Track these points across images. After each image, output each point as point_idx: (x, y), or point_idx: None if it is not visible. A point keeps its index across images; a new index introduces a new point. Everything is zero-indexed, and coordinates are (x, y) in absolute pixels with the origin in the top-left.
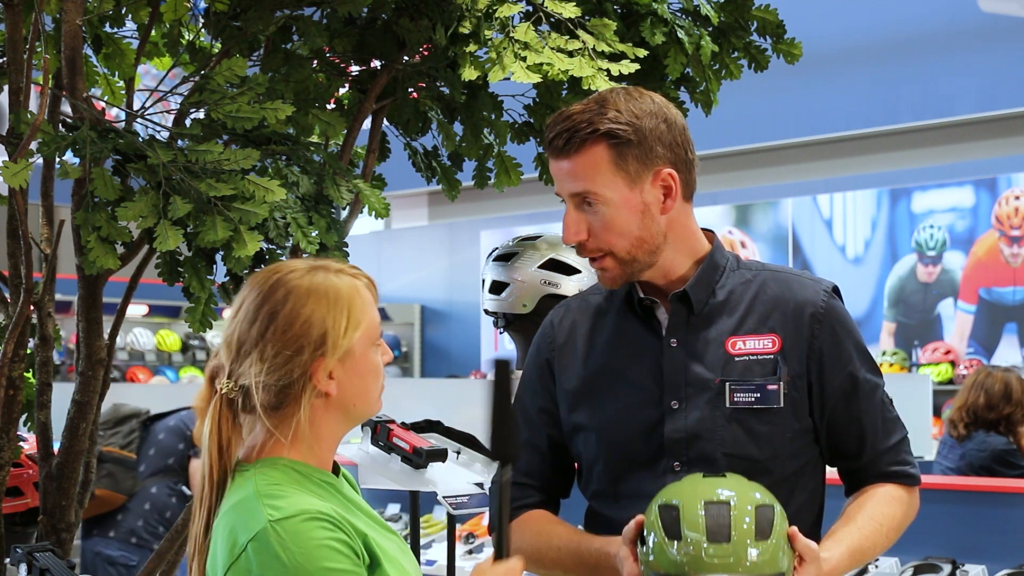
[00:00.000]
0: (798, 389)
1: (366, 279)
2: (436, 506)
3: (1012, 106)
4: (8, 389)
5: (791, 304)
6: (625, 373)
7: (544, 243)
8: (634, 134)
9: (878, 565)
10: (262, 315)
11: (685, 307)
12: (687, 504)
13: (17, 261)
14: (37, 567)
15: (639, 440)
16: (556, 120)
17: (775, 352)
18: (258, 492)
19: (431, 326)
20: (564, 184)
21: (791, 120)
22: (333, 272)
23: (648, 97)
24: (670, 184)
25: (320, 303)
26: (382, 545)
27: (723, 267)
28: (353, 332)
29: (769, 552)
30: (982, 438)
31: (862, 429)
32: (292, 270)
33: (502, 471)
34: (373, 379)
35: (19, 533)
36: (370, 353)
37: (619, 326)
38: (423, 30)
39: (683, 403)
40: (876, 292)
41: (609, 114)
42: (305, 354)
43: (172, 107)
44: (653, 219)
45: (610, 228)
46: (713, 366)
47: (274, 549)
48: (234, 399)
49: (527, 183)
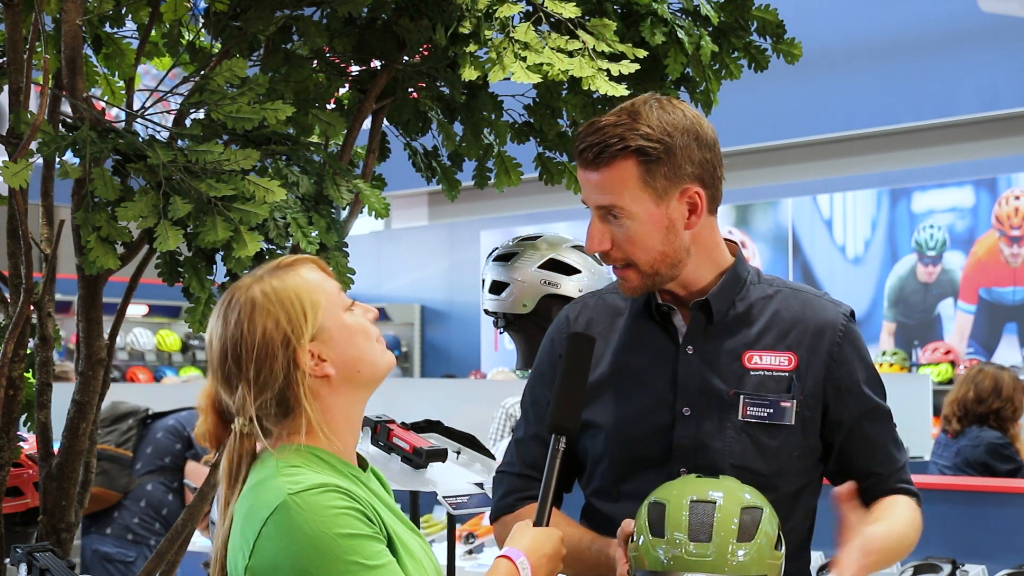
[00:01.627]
0: (811, 409)
1: (305, 260)
2: (436, 506)
3: (1012, 106)
4: (8, 389)
5: (811, 325)
6: (639, 375)
7: (544, 243)
8: (664, 152)
9: None
10: (230, 345)
11: (704, 316)
12: (674, 503)
13: (17, 261)
14: (37, 567)
15: (648, 442)
16: (587, 131)
17: (791, 370)
18: (277, 471)
19: (431, 326)
20: (591, 195)
21: (791, 120)
22: (271, 271)
23: (681, 111)
24: (696, 202)
25: (270, 306)
26: (404, 540)
27: (745, 280)
28: (314, 314)
29: (753, 553)
30: (975, 433)
31: (876, 452)
32: (239, 287)
33: (556, 440)
34: (363, 338)
35: (19, 533)
36: (346, 318)
37: (636, 328)
38: (423, 30)
39: (695, 411)
40: (876, 292)
41: (641, 130)
42: (279, 357)
43: (172, 107)
44: (677, 235)
45: (634, 242)
46: (728, 378)
47: (295, 520)
48: (250, 432)
49: (527, 183)
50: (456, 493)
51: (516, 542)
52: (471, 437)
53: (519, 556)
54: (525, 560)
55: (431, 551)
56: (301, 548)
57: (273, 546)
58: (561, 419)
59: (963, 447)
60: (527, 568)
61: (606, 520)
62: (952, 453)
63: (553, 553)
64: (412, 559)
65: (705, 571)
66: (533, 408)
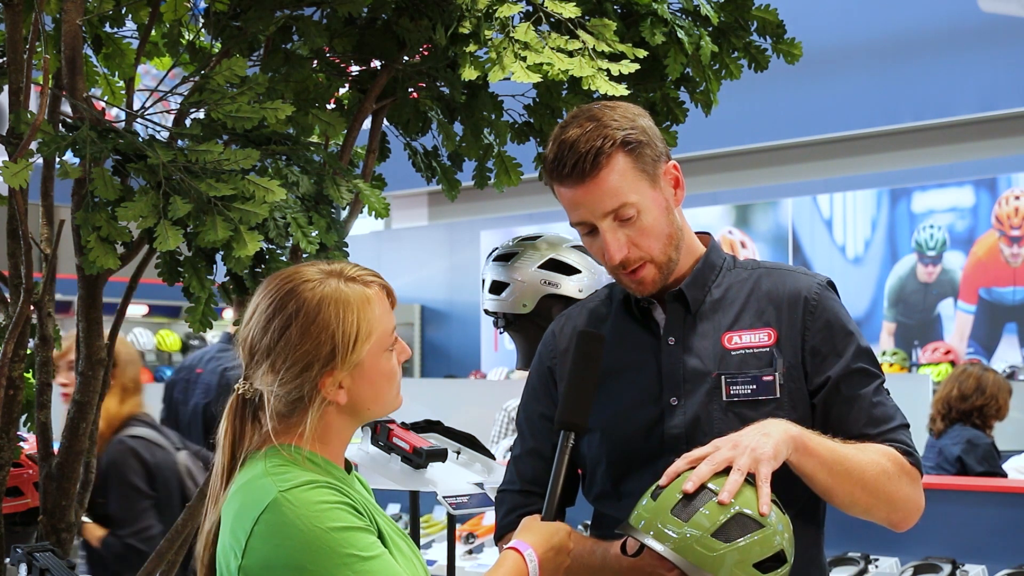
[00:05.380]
0: (795, 380)
1: (379, 285)
2: (436, 506)
3: (1012, 106)
4: (8, 389)
5: (784, 297)
6: (625, 373)
7: (544, 243)
8: (642, 135)
9: (878, 565)
10: (273, 327)
11: (682, 306)
12: (682, 479)
13: (17, 261)
14: (37, 567)
15: (640, 438)
16: (562, 151)
17: (771, 345)
18: (266, 471)
19: (431, 326)
20: (595, 207)
21: (791, 120)
22: (345, 280)
23: (621, 104)
24: (677, 175)
25: (330, 318)
26: (394, 539)
27: (719, 267)
28: (363, 344)
29: (716, 551)
30: (957, 431)
31: (861, 413)
32: (305, 280)
33: (566, 437)
34: (386, 383)
35: (19, 533)
36: (382, 360)
37: (618, 329)
38: (423, 30)
39: (682, 399)
40: (876, 292)
41: (612, 125)
42: (314, 370)
43: (172, 107)
44: (673, 214)
45: (648, 233)
46: (709, 361)
47: (287, 517)
48: (250, 398)
49: (527, 183)
50: (456, 493)
51: (524, 535)
52: (471, 437)
53: (527, 548)
54: (533, 553)
55: (419, 554)
56: (294, 544)
57: (265, 544)
58: (571, 416)
59: (945, 446)
60: (534, 560)
61: (612, 523)
62: (935, 453)
63: (560, 547)
64: (403, 556)
65: (658, 540)
66: (527, 424)
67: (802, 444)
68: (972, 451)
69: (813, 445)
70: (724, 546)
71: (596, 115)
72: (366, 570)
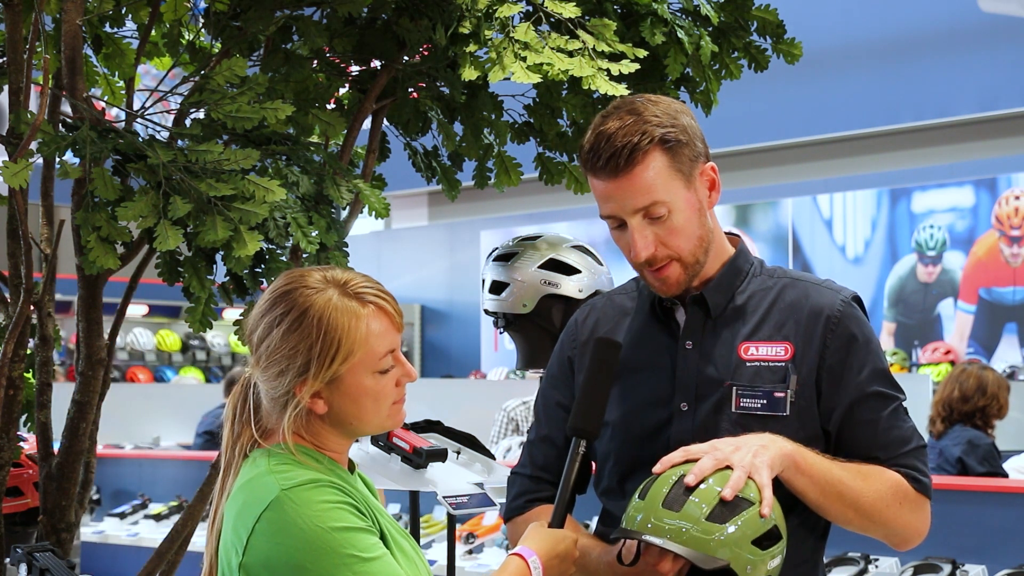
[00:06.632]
0: (806, 398)
1: (377, 306)
2: (436, 506)
3: (1012, 106)
4: (8, 389)
5: (806, 311)
6: (641, 373)
7: (544, 243)
8: (681, 133)
9: (878, 565)
10: (264, 322)
11: (702, 310)
12: (666, 475)
13: (17, 261)
14: (37, 567)
15: (647, 440)
16: (598, 143)
17: (787, 360)
18: (269, 469)
19: (431, 326)
20: (626, 203)
21: (791, 120)
22: (343, 294)
23: (665, 100)
24: (713, 178)
25: (311, 329)
26: (396, 539)
27: (746, 272)
28: (340, 363)
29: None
30: (958, 432)
31: (876, 437)
32: (304, 285)
33: (576, 444)
34: (370, 403)
35: (19, 533)
36: (366, 379)
37: (640, 327)
38: (423, 30)
39: (692, 405)
40: (876, 292)
41: (653, 121)
42: (288, 376)
43: (172, 107)
44: (706, 216)
45: (678, 233)
46: (723, 369)
47: (289, 515)
48: (253, 385)
49: (527, 183)
50: (456, 493)
51: (530, 542)
52: (471, 437)
53: (531, 555)
54: (537, 560)
55: (422, 554)
56: (296, 543)
57: (267, 542)
58: (583, 423)
59: (945, 447)
60: (539, 568)
61: (616, 520)
62: (935, 454)
63: (565, 555)
64: (405, 556)
65: (653, 535)
66: (544, 410)
67: (795, 463)
68: (973, 452)
69: (807, 465)
70: (720, 527)
71: (638, 108)
72: (366, 571)
